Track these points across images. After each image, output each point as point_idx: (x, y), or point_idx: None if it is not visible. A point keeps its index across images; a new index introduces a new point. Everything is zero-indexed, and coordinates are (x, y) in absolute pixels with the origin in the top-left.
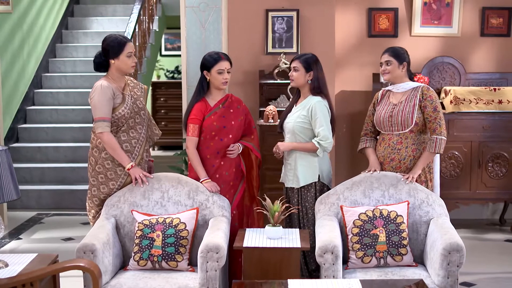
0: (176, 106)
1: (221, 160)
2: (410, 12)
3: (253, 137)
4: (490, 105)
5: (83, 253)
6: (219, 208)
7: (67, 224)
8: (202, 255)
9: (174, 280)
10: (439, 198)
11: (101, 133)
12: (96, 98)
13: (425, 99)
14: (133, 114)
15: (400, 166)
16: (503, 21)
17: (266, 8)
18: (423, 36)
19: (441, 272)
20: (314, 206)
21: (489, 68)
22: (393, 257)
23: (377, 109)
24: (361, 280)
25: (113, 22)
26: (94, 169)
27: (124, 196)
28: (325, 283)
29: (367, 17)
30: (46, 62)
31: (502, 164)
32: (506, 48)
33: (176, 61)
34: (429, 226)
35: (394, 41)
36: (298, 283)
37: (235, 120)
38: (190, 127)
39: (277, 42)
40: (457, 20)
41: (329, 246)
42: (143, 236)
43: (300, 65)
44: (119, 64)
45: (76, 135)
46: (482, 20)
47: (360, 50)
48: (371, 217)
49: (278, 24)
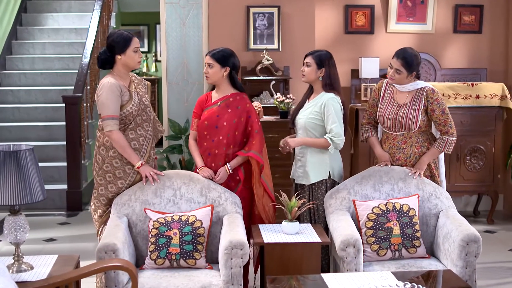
0: None
1: (212, 162)
2: (386, 9)
3: (254, 143)
4: (468, 100)
5: (105, 253)
6: (232, 205)
7: (44, 225)
8: (226, 252)
9: (196, 278)
10: (445, 191)
11: (110, 132)
12: (104, 96)
13: (432, 103)
14: (140, 111)
15: (406, 164)
16: (475, 18)
17: (247, 4)
18: (398, 33)
19: (460, 262)
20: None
21: (462, 64)
22: (408, 249)
23: (381, 105)
24: (392, 272)
25: (69, 18)
26: (101, 168)
27: (135, 194)
28: (359, 276)
29: (344, 14)
30: (3, 60)
31: (479, 157)
32: (478, 45)
33: None
34: (439, 218)
35: (370, 37)
36: (333, 277)
37: (228, 121)
38: (192, 121)
39: (258, 39)
40: (431, 17)
41: (351, 240)
42: (160, 234)
43: (312, 61)
44: (126, 59)
45: (41, 133)
46: (455, 17)
47: (338, 47)
48: (384, 210)
49: (259, 20)
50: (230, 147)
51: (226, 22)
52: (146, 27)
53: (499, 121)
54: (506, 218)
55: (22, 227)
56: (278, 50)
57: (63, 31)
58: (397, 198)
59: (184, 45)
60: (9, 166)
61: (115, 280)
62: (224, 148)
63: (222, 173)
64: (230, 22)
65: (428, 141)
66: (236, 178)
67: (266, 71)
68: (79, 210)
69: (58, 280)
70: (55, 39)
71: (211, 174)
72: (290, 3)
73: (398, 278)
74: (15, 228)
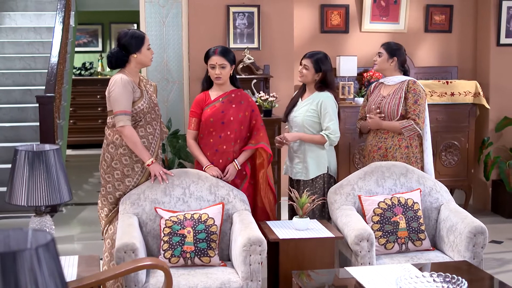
0: (85, 104)
1: (219, 158)
2: (360, 9)
3: (262, 135)
4: (443, 97)
5: (124, 253)
6: (241, 202)
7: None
8: (245, 248)
9: (214, 276)
10: (444, 186)
11: (122, 127)
12: (116, 91)
13: (409, 92)
14: (150, 109)
15: (387, 154)
16: (445, 18)
17: (227, 3)
18: (372, 32)
19: (467, 254)
20: (321, 197)
21: (433, 62)
22: (414, 242)
23: (369, 100)
24: (413, 263)
25: (26, 17)
26: (109, 165)
27: (143, 193)
28: (382, 269)
29: (320, 13)
30: None
31: (454, 153)
32: (448, 43)
33: (82, 58)
34: (440, 212)
35: (345, 36)
36: (357, 270)
37: (234, 115)
38: (190, 120)
39: (238, 38)
40: (404, 17)
41: (364, 234)
42: (173, 233)
43: (311, 65)
44: (141, 57)
45: (8, 134)
46: (426, 17)
47: (314, 46)
48: (390, 205)
49: (239, 19)
50: (237, 142)
51: (206, 21)
52: (100, 26)
53: (472, 118)
54: (476, 212)
55: (49, 228)
56: (258, 49)
57: (21, 30)
58: (401, 193)
59: (164, 44)
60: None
61: (134, 280)
62: (232, 143)
63: (231, 169)
64: (210, 21)
65: (406, 130)
66: (242, 173)
67: (247, 70)
68: (54, 212)
69: (93, 280)
70: (13, 39)
71: (219, 173)
72: (269, 2)
73: (421, 270)
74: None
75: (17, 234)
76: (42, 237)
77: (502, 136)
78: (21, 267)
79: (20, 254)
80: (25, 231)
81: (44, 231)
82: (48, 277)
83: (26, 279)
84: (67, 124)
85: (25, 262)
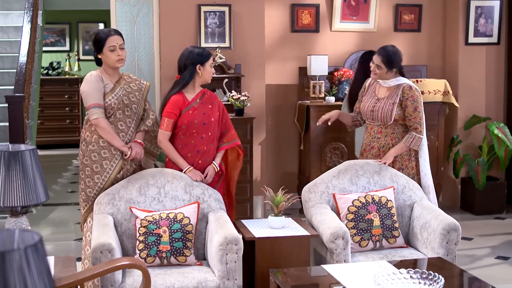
0: (53, 104)
1: (199, 159)
2: (331, 8)
3: (233, 132)
4: None
5: (100, 253)
6: (216, 202)
7: None
8: (221, 247)
9: (190, 275)
10: (417, 183)
11: (96, 119)
12: (86, 87)
13: (407, 99)
14: (122, 106)
15: (380, 154)
16: (414, 17)
17: (198, 3)
18: (342, 31)
19: (441, 250)
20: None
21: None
22: (388, 239)
23: (364, 99)
24: (388, 260)
25: (8, 17)
26: (82, 162)
27: (118, 193)
28: (358, 266)
29: (290, 12)
30: None
31: None
32: (417, 43)
33: (49, 57)
34: (414, 209)
35: (316, 36)
36: (333, 267)
37: (213, 116)
38: (165, 120)
39: (209, 37)
40: (374, 16)
41: (340, 232)
42: (148, 232)
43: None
44: (104, 58)
45: None
46: (395, 16)
47: (285, 45)
48: (364, 203)
49: (210, 19)
50: (214, 142)
51: (178, 21)
52: (67, 26)
53: (442, 116)
54: (445, 209)
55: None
56: (230, 48)
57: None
58: (375, 191)
59: (135, 43)
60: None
61: (111, 280)
62: (211, 144)
63: (211, 171)
64: (181, 21)
65: (403, 134)
66: (219, 173)
67: (218, 69)
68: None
69: (71, 280)
70: None
71: (202, 177)
72: (240, 2)
73: (397, 267)
74: None
75: (3, 234)
76: (30, 237)
77: (470, 134)
78: (10, 268)
79: (9, 255)
80: (12, 231)
81: (32, 231)
82: (37, 278)
83: (15, 280)
84: (35, 124)
85: (14, 262)
